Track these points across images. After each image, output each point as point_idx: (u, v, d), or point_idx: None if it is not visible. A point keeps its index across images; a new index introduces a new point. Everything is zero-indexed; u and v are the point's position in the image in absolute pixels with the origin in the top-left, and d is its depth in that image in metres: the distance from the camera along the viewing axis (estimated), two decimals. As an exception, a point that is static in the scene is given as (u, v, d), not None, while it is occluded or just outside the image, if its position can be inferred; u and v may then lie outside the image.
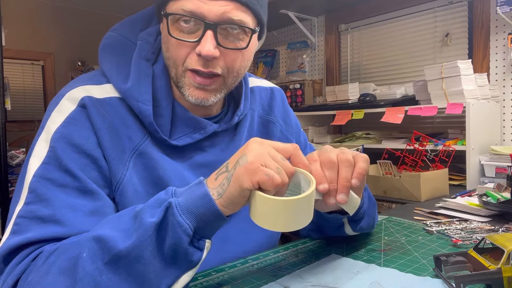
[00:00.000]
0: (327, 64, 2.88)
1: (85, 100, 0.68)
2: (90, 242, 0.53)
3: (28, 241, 0.56)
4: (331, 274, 0.68)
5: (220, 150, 0.79)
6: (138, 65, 0.72)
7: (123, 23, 0.79)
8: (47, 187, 0.60)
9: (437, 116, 2.21)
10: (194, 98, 0.70)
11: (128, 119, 0.70)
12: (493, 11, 1.96)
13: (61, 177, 0.62)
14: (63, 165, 0.62)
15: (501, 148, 1.68)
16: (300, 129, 1.00)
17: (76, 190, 0.62)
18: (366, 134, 2.33)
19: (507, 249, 0.58)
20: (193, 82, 0.69)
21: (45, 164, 0.62)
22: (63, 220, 0.58)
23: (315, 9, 2.76)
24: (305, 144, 0.98)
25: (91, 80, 0.72)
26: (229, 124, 0.80)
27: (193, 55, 0.67)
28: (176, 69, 0.70)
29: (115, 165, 0.67)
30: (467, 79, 1.80)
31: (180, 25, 0.67)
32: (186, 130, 0.74)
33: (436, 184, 1.49)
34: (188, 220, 0.53)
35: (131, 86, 0.70)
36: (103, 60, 0.74)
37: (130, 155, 0.69)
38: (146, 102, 0.69)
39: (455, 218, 1.06)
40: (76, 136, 0.65)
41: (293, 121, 0.96)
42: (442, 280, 0.63)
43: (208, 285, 0.65)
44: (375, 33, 2.62)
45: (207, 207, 0.54)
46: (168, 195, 0.56)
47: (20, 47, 3.48)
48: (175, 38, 0.67)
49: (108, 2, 3.20)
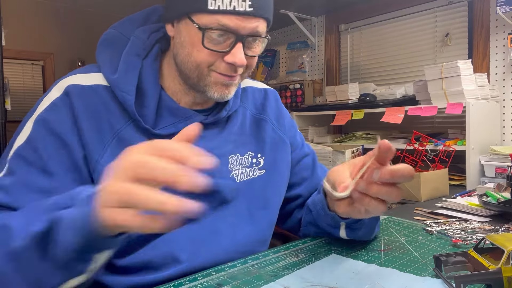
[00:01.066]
0: (327, 64, 2.88)
1: (69, 88, 0.74)
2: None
3: None
4: (331, 274, 0.68)
5: (207, 140, 0.81)
6: (127, 59, 0.77)
7: (122, 21, 0.84)
8: (17, 163, 0.69)
9: (437, 116, 2.21)
10: (219, 94, 0.77)
11: (112, 106, 0.75)
12: (493, 11, 1.96)
13: (31, 155, 0.69)
14: (35, 145, 0.69)
15: (501, 148, 1.68)
16: (296, 129, 1.01)
17: (39, 169, 0.68)
18: (366, 134, 2.33)
19: (507, 249, 0.58)
20: (222, 79, 0.75)
21: (25, 143, 0.70)
22: (12, 191, 0.66)
23: (315, 9, 2.76)
24: (301, 144, 0.99)
25: (84, 70, 0.79)
26: (217, 117, 0.83)
27: (221, 62, 0.73)
28: (198, 71, 0.75)
29: (92, 148, 0.72)
30: (467, 79, 1.80)
31: (211, 37, 0.71)
32: (171, 120, 0.78)
33: (436, 184, 1.49)
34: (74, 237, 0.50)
35: (117, 77, 0.75)
36: (99, 52, 0.80)
37: (110, 139, 0.73)
38: (129, 93, 0.74)
39: (455, 218, 1.06)
40: (52, 121, 0.71)
41: (286, 120, 0.98)
42: (442, 280, 0.63)
43: (208, 285, 0.65)
44: (375, 33, 2.62)
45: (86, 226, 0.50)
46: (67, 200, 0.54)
47: (20, 47, 3.48)
48: (209, 49, 0.71)
49: (108, 2, 3.20)
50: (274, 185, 0.89)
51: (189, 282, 0.66)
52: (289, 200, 0.95)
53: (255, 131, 0.90)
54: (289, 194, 0.95)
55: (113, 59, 0.78)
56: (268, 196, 0.88)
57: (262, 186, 0.87)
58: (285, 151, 0.93)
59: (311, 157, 0.99)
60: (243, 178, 0.85)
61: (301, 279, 0.66)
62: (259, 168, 0.88)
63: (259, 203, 0.86)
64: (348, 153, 2.07)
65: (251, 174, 0.86)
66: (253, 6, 0.70)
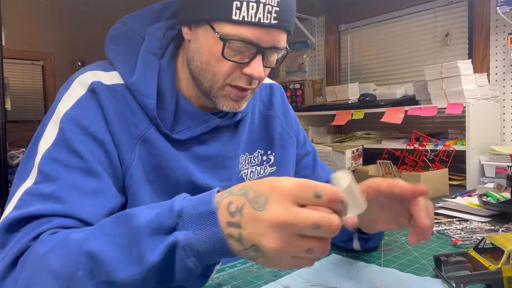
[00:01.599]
0: (327, 64, 2.88)
1: (95, 84, 0.69)
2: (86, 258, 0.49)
3: (28, 215, 0.57)
4: (331, 274, 0.68)
5: (221, 144, 0.80)
6: (145, 59, 0.73)
7: (133, 15, 0.80)
8: (53, 167, 0.62)
9: (437, 116, 2.21)
10: (229, 107, 0.74)
11: (134, 107, 0.72)
12: (493, 11, 1.96)
13: (68, 157, 0.63)
14: (71, 146, 0.64)
15: (501, 148, 1.68)
16: (299, 126, 1.00)
17: (81, 171, 0.63)
18: (366, 134, 2.33)
19: (507, 249, 0.58)
20: (232, 95, 0.73)
21: (54, 145, 0.64)
22: (63, 198, 0.59)
23: (315, 9, 2.76)
24: (304, 141, 0.99)
25: (100, 67, 0.74)
26: (232, 120, 0.81)
27: (239, 74, 0.70)
28: (213, 82, 0.71)
29: (124, 149, 0.69)
30: (467, 79, 1.80)
31: (231, 47, 0.68)
32: (188, 124, 0.76)
33: (436, 184, 1.49)
34: (198, 262, 0.47)
35: (136, 80, 0.71)
36: (110, 50, 0.76)
37: (135, 141, 0.71)
38: (150, 96, 0.71)
39: (455, 218, 1.06)
40: (84, 119, 0.66)
41: (292, 117, 0.97)
42: (442, 280, 0.63)
43: (208, 285, 0.65)
44: (375, 33, 2.62)
45: (218, 250, 0.47)
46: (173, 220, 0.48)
47: (20, 47, 3.47)
48: (230, 60, 0.68)
49: (108, 2, 3.20)
50: None
51: (189, 282, 0.66)
52: None
53: (264, 128, 0.89)
54: None
55: (128, 58, 0.74)
56: None
57: None
58: (292, 147, 0.92)
59: (312, 156, 0.99)
60: (253, 177, 0.84)
61: (301, 279, 0.66)
62: (269, 165, 0.87)
63: None
64: (348, 153, 2.07)
65: (262, 172, 0.86)
66: (278, 19, 0.67)
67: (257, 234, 0.44)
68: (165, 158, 0.73)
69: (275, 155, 0.88)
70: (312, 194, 0.44)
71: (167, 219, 0.48)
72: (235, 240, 0.45)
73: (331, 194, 0.44)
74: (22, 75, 3.78)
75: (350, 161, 2.08)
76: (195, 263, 0.47)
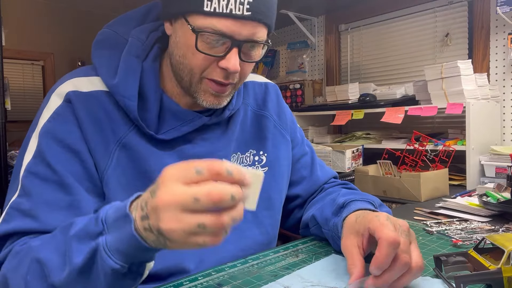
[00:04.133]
0: (327, 64, 2.88)
1: (70, 95, 0.71)
2: (33, 264, 0.56)
3: (10, 232, 0.63)
4: (331, 274, 0.68)
5: (210, 143, 0.80)
6: (126, 62, 0.74)
7: (118, 19, 0.80)
8: (31, 181, 0.66)
9: (437, 116, 2.21)
10: (209, 103, 0.74)
11: (113, 113, 0.72)
12: (493, 11, 1.96)
13: (43, 171, 0.66)
14: (46, 159, 0.66)
15: (501, 148, 1.68)
16: (296, 125, 0.99)
17: (55, 184, 0.66)
18: (366, 134, 2.33)
19: (507, 249, 0.58)
20: (210, 89, 0.72)
21: (33, 158, 0.67)
22: (38, 215, 0.63)
23: (315, 9, 2.76)
24: (301, 140, 0.98)
25: (81, 73, 0.76)
26: (220, 117, 0.80)
27: (215, 67, 0.70)
28: (191, 76, 0.72)
29: (99, 157, 0.70)
30: (467, 79, 1.80)
31: (205, 40, 0.68)
32: (174, 124, 0.76)
33: (436, 184, 1.49)
34: (120, 261, 0.50)
35: (118, 82, 0.72)
36: (95, 55, 0.77)
37: (114, 147, 0.71)
38: (131, 98, 0.71)
39: (455, 218, 1.06)
40: (59, 131, 0.69)
41: (287, 116, 0.96)
42: (442, 280, 0.63)
43: (208, 285, 0.65)
44: (375, 33, 2.62)
45: (136, 246, 0.49)
46: (98, 226, 0.53)
47: (20, 47, 3.47)
48: (202, 53, 0.68)
49: (108, 2, 3.20)
50: (277, 183, 0.88)
51: (189, 282, 0.66)
52: (288, 200, 0.95)
53: (257, 128, 0.88)
54: (289, 193, 0.94)
55: (111, 62, 0.75)
56: (271, 195, 0.87)
57: (264, 184, 0.85)
58: (286, 148, 0.92)
59: (310, 156, 0.98)
60: None
61: (301, 279, 0.66)
62: (261, 165, 0.87)
63: (263, 203, 0.83)
64: (348, 153, 2.07)
65: None
66: (251, 10, 0.66)
67: (156, 219, 0.46)
68: (147, 161, 0.72)
69: (267, 155, 0.87)
70: (194, 171, 0.45)
71: (93, 226, 0.53)
72: (148, 231, 0.48)
73: (210, 167, 0.45)
74: (22, 75, 3.78)
75: (350, 161, 2.08)
76: (118, 262, 0.50)
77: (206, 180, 0.45)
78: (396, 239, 0.56)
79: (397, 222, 0.62)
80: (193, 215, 0.44)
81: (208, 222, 0.44)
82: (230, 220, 0.45)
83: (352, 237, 0.67)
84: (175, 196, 0.45)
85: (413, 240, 0.62)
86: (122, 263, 0.50)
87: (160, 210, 0.45)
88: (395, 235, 0.57)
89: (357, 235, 0.66)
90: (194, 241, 0.46)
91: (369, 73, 2.69)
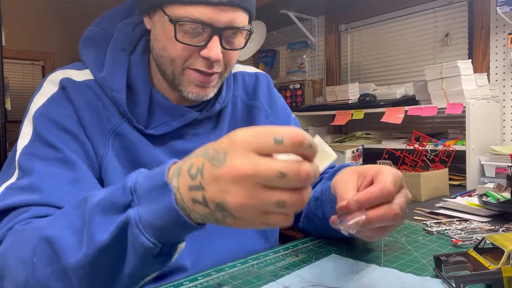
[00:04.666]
0: (327, 64, 2.88)
1: (63, 81, 0.70)
2: (41, 244, 0.50)
3: (6, 207, 0.59)
4: (331, 274, 0.68)
5: (202, 138, 0.79)
6: (113, 55, 0.73)
7: (104, 16, 0.80)
8: (30, 160, 0.63)
9: (437, 116, 2.21)
10: (194, 95, 0.72)
11: (107, 102, 0.72)
12: (493, 11, 1.96)
13: (44, 150, 0.64)
14: (45, 139, 0.65)
15: (501, 148, 1.68)
16: (289, 115, 0.96)
17: (58, 161, 0.64)
18: (366, 134, 2.33)
19: (507, 249, 0.58)
20: (194, 80, 0.71)
21: (31, 141, 0.65)
22: (40, 188, 0.59)
23: (315, 9, 2.76)
24: None
25: (72, 66, 0.76)
26: (211, 111, 0.79)
27: (197, 57, 0.69)
28: (173, 68, 0.71)
29: (97, 142, 0.69)
30: (467, 79, 1.80)
31: (185, 29, 0.67)
32: (164, 118, 0.75)
33: (436, 184, 1.49)
34: (155, 237, 0.45)
35: (105, 75, 0.71)
36: (83, 52, 0.76)
37: (108, 135, 0.71)
38: (119, 91, 0.71)
39: (455, 218, 1.06)
40: (56, 114, 0.67)
41: (280, 106, 0.93)
42: (442, 280, 0.63)
43: (208, 285, 0.65)
44: (375, 33, 2.62)
45: (176, 221, 0.44)
46: (126, 196, 0.46)
47: (20, 47, 3.48)
48: (183, 43, 0.67)
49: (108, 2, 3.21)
50: None
51: (189, 282, 0.66)
52: None
53: (247, 120, 0.87)
54: None
55: (98, 58, 0.74)
56: None
57: None
58: None
59: None
60: None
61: (301, 279, 0.66)
62: None
63: None
64: (348, 153, 2.07)
65: None
66: None
67: (220, 191, 0.40)
68: (139, 152, 0.72)
69: None
70: (272, 140, 0.39)
71: (120, 196, 0.46)
72: (200, 204, 0.42)
73: (293, 137, 0.40)
74: (22, 75, 3.78)
75: (350, 161, 2.08)
76: (151, 239, 0.44)
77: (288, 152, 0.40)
78: (391, 189, 0.53)
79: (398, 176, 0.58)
80: (272, 192, 0.39)
81: (289, 200, 0.39)
82: (307, 199, 0.41)
83: (350, 175, 0.62)
84: (258, 168, 0.39)
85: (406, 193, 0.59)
86: (156, 241, 0.44)
87: (230, 182, 0.39)
88: (393, 186, 0.54)
89: (355, 173, 0.62)
90: (265, 220, 0.41)
91: (369, 73, 2.69)
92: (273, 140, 0.39)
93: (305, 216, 0.87)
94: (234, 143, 0.40)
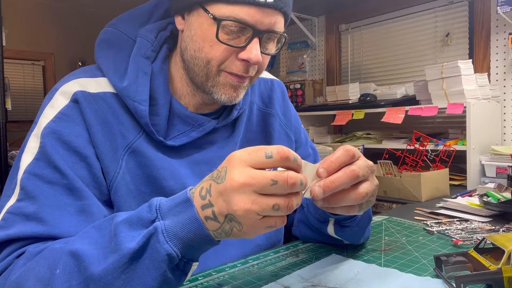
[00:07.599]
0: (328, 64, 2.88)
1: (77, 94, 0.66)
2: (67, 257, 0.51)
3: (10, 238, 0.57)
4: (331, 274, 0.68)
5: (218, 147, 0.77)
6: (136, 63, 0.70)
7: (122, 17, 0.77)
8: (35, 184, 0.60)
9: (437, 116, 2.21)
10: (227, 96, 0.70)
11: (122, 116, 0.68)
12: (494, 11, 1.95)
13: (50, 173, 0.61)
14: (52, 161, 0.61)
15: (502, 148, 1.68)
16: (300, 125, 0.97)
17: (64, 188, 0.61)
18: (366, 134, 2.33)
19: (507, 249, 0.58)
20: (231, 80, 0.69)
21: (36, 160, 0.62)
22: (46, 219, 0.58)
23: (316, 9, 2.76)
24: (305, 141, 0.96)
25: (86, 73, 0.71)
26: (228, 119, 0.78)
27: (233, 60, 0.67)
28: (207, 70, 0.68)
29: (108, 162, 0.66)
30: (467, 79, 1.80)
31: (226, 30, 0.65)
32: (183, 128, 0.73)
33: (437, 184, 1.49)
34: (178, 247, 0.49)
35: (128, 85, 0.68)
36: (100, 55, 0.72)
37: (123, 152, 0.67)
38: (142, 103, 0.68)
39: (455, 218, 1.06)
40: (66, 133, 0.64)
41: (292, 116, 0.93)
42: (443, 280, 0.63)
43: (208, 285, 0.65)
44: (375, 33, 2.62)
45: (197, 233, 0.49)
46: (152, 213, 0.51)
47: (20, 47, 3.47)
48: (224, 43, 0.65)
49: (108, 2, 3.20)
50: None
51: (189, 282, 0.66)
52: None
53: (262, 127, 0.86)
54: None
55: (118, 63, 0.70)
56: None
57: None
58: (290, 148, 0.90)
59: (313, 158, 0.96)
60: None
61: (301, 279, 0.66)
62: None
63: None
64: (348, 153, 2.06)
65: None
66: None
67: (225, 203, 0.47)
68: (156, 167, 0.69)
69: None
70: (264, 155, 0.47)
71: (145, 213, 0.51)
72: (211, 220, 0.48)
73: (280, 152, 0.47)
74: (23, 75, 3.78)
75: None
76: (174, 248, 0.49)
77: (278, 166, 0.47)
78: (353, 150, 0.56)
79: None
80: (268, 197, 0.46)
81: (282, 204, 0.46)
82: (296, 203, 0.48)
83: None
84: (253, 178, 0.46)
85: (373, 177, 0.62)
86: (178, 249, 0.49)
87: (232, 193, 0.46)
88: (353, 150, 0.56)
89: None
90: (266, 223, 0.47)
91: (369, 73, 2.68)
92: (264, 155, 0.47)
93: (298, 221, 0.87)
94: (232, 161, 0.48)
